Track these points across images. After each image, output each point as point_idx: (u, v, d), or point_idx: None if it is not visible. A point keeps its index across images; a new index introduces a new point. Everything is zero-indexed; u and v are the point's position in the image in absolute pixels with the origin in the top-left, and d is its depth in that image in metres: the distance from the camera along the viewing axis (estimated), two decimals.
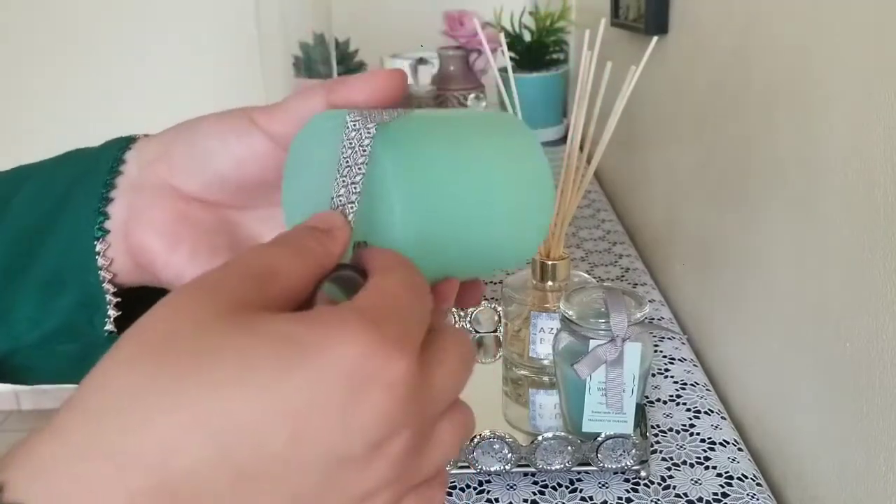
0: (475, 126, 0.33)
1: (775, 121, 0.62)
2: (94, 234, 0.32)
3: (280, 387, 0.20)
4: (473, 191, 0.30)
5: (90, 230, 0.32)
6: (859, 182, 0.49)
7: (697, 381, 0.73)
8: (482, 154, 0.31)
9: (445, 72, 1.42)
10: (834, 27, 0.52)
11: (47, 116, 1.84)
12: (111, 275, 0.33)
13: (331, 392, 0.20)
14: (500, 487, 0.60)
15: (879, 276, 0.47)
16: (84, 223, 0.32)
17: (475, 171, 0.31)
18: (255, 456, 0.19)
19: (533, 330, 0.71)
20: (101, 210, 0.32)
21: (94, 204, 0.32)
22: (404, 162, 0.28)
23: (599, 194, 1.25)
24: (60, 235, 0.32)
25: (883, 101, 0.46)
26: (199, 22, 1.81)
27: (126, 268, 0.33)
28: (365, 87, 0.32)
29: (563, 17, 1.50)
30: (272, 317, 0.21)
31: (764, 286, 0.66)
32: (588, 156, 0.68)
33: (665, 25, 0.93)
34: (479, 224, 0.30)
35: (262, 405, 0.19)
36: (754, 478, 0.60)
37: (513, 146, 0.33)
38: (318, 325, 0.21)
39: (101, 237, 0.32)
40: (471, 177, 0.30)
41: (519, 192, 0.32)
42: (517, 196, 0.32)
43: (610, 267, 0.98)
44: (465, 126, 0.33)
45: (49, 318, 0.32)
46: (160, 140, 0.34)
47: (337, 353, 0.20)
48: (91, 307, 0.33)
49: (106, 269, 0.32)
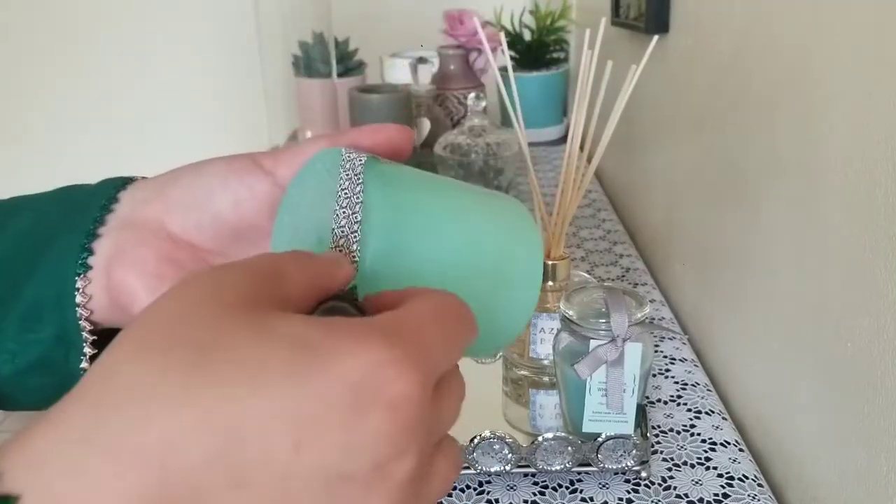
0: (468, 188, 0.33)
1: (775, 121, 0.62)
2: (77, 269, 0.32)
3: (291, 393, 0.19)
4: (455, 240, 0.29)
5: (73, 265, 0.32)
6: (860, 182, 0.49)
7: (698, 381, 0.73)
8: (470, 209, 0.31)
9: (445, 71, 1.41)
10: (834, 27, 0.52)
11: (47, 116, 1.84)
12: (89, 312, 0.32)
13: (340, 403, 0.20)
14: (500, 488, 0.60)
15: (880, 276, 0.47)
16: (68, 257, 0.32)
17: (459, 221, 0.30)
18: (257, 461, 0.19)
19: (533, 330, 0.70)
20: (87, 246, 0.32)
21: (80, 239, 0.32)
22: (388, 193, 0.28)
23: (599, 194, 1.25)
24: (44, 268, 0.32)
25: (883, 101, 0.46)
26: (199, 22, 1.81)
27: (104, 305, 0.32)
28: (372, 135, 0.32)
29: (564, 16, 1.50)
30: (288, 317, 0.21)
31: (765, 286, 0.66)
32: (588, 155, 0.68)
33: (666, 25, 0.92)
34: (458, 277, 0.29)
35: (270, 410, 0.19)
36: (755, 478, 0.60)
37: (504, 211, 0.32)
38: (335, 332, 0.21)
39: (83, 273, 0.32)
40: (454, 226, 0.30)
41: (503, 257, 0.31)
42: (501, 260, 0.31)
43: (610, 267, 0.98)
44: (459, 186, 0.32)
45: (26, 352, 0.32)
46: (158, 180, 0.34)
47: (350, 363, 0.20)
48: (67, 343, 0.32)
49: (84, 305, 0.32)
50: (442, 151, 1.12)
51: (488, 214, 0.31)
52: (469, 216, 0.30)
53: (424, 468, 0.22)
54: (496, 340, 0.32)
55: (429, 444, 0.22)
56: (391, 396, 0.20)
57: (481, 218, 0.31)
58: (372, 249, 0.27)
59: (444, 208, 0.30)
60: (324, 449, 0.20)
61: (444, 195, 0.31)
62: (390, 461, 0.21)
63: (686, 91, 0.87)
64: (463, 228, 0.30)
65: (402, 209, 0.28)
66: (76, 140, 1.82)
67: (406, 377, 0.21)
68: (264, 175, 0.33)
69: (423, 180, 0.31)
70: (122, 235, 0.32)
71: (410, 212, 0.28)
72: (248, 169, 0.33)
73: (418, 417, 0.21)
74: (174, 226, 0.33)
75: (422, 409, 0.21)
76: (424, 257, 0.28)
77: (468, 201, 0.31)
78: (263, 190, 0.33)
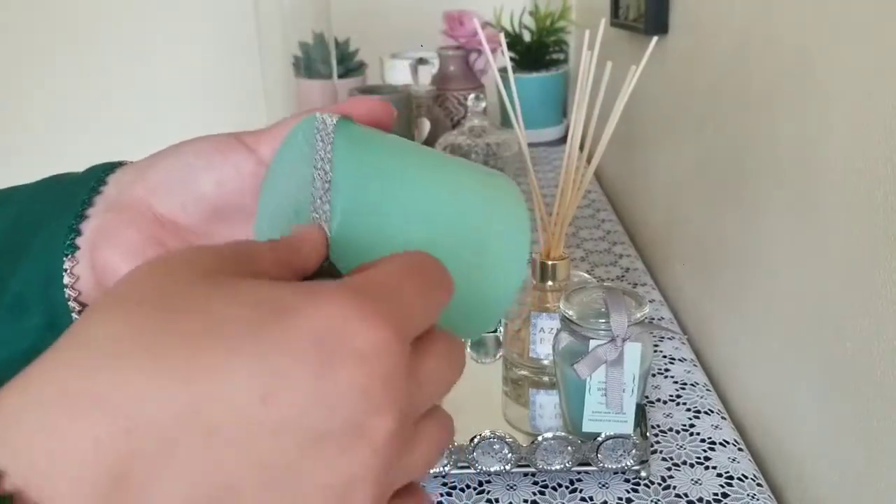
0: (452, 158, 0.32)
1: (775, 121, 0.62)
2: (65, 249, 0.32)
3: (255, 349, 0.19)
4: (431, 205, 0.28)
5: (61, 245, 0.32)
6: (860, 182, 0.49)
7: (697, 381, 0.73)
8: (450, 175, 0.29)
9: (445, 72, 1.42)
10: (834, 27, 0.52)
11: (46, 117, 1.84)
12: (77, 292, 0.32)
13: (305, 356, 0.19)
14: (500, 487, 0.60)
15: (880, 276, 0.47)
16: (57, 239, 0.32)
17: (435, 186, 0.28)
18: (226, 414, 0.19)
19: (533, 330, 0.71)
20: (75, 227, 0.32)
21: (69, 220, 0.32)
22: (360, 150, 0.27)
23: (599, 194, 1.25)
24: (33, 253, 0.32)
25: (883, 101, 0.46)
26: (199, 22, 1.81)
27: (91, 286, 0.32)
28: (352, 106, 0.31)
29: (563, 17, 1.50)
30: (256, 281, 0.21)
31: (764, 286, 0.66)
32: (588, 156, 0.68)
33: (665, 25, 0.93)
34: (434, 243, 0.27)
35: (234, 365, 0.19)
36: (754, 478, 0.60)
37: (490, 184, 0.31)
38: (301, 291, 0.21)
39: (71, 253, 0.32)
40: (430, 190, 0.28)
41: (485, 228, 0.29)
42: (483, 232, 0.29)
43: (610, 267, 0.98)
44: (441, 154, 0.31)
45: (17, 341, 0.32)
46: (144, 162, 0.34)
47: (315, 317, 0.20)
48: (57, 329, 0.32)
49: (72, 286, 0.32)
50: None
51: (471, 184, 0.30)
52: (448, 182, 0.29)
53: (407, 432, 0.22)
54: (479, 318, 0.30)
55: (411, 406, 0.22)
56: (359, 348, 0.20)
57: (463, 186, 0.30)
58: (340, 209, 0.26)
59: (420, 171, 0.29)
60: (292, 402, 0.19)
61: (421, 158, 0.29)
62: (368, 417, 0.20)
63: (686, 92, 0.87)
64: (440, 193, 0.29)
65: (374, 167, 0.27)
66: (76, 140, 1.82)
67: (375, 329, 0.20)
68: (248, 153, 0.32)
69: (400, 143, 0.30)
70: (109, 216, 0.32)
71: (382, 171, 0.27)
72: (231, 147, 0.33)
73: (393, 372, 0.20)
74: (160, 207, 0.32)
75: (396, 363, 0.21)
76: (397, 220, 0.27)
77: (449, 167, 0.30)
78: (248, 168, 0.32)
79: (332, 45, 1.38)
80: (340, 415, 0.20)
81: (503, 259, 0.30)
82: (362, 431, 0.20)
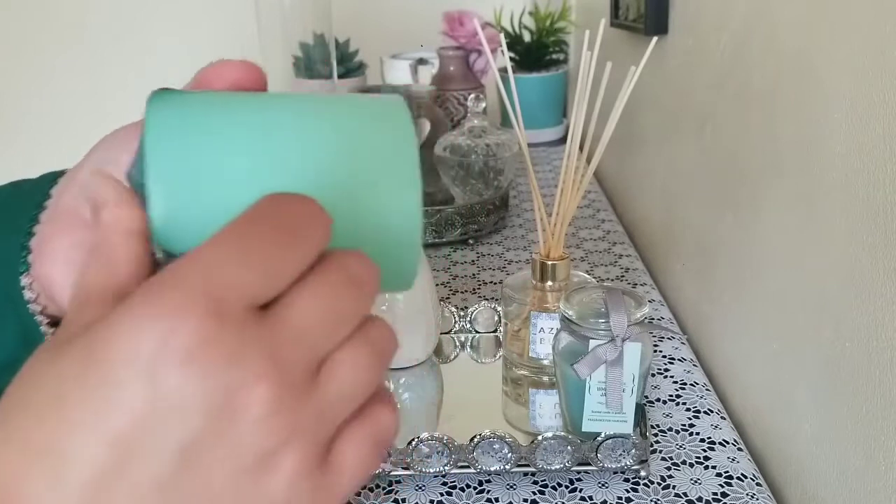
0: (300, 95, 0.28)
1: (775, 121, 0.62)
2: (20, 267, 0.32)
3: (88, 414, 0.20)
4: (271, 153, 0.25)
5: (16, 264, 0.32)
6: (859, 182, 0.49)
7: (697, 380, 0.73)
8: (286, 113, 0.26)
9: (445, 72, 1.42)
10: (834, 27, 0.52)
11: (46, 117, 1.84)
12: (41, 307, 0.32)
13: (129, 386, 0.19)
14: (500, 487, 0.60)
15: (879, 276, 0.47)
16: (12, 258, 0.32)
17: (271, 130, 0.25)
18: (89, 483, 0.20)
19: (533, 330, 0.71)
20: (25, 244, 0.32)
21: (20, 239, 0.32)
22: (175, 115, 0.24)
23: (599, 194, 1.25)
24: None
25: (883, 101, 0.46)
26: (199, 22, 1.81)
27: (46, 300, 0.32)
28: (218, 76, 0.29)
29: (563, 18, 1.51)
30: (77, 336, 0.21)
31: (763, 286, 0.66)
32: (588, 156, 0.68)
33: (665, 26, 0.93)
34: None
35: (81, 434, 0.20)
36: (754, 477, 0.60)
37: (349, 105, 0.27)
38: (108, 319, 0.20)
39: (25, 271, 0.32)
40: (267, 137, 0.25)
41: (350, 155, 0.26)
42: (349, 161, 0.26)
43: (610, 267, 0.98)
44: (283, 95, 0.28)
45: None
46: (76, 166, 0.33)
47: (115, 341, 0.20)
48: (31, 342, 0.32)
49: (34, 302, 0.32)
50: (442, 152, 1.12)
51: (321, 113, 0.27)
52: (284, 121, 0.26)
53: (299, 380, 0.21)
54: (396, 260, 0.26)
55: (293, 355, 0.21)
56: (179, 349, 0.19)
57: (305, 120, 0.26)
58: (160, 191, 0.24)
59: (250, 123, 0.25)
60: (138, 440, 0.20)
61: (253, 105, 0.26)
62: (229, 398, 0.20)
63: (685, 92, 0.87)
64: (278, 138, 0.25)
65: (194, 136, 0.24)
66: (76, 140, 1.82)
67: (184, 320, 0.19)
68: None
69: (229, 96, 0.27)
70: (45, 229, 0.32)
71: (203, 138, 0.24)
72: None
73: (234, 348, 0.20)
74: (82, 208, 0.31)
75: (228, 337, 0.20)
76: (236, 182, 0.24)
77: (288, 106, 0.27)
78: None
79: (332, 46, 1.38)
80: (196, 411, 0.20)
81: (391, 181, 0.26)
82: (233, 413, 0.20)
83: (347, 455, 0.23)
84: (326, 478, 0.22)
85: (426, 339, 0.74)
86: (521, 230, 1.11)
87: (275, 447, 0.20)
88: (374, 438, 0.23)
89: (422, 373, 0.75)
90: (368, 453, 0.23)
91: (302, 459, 0.21)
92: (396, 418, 0.24)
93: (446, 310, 0.81)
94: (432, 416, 0.70)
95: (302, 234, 0.22)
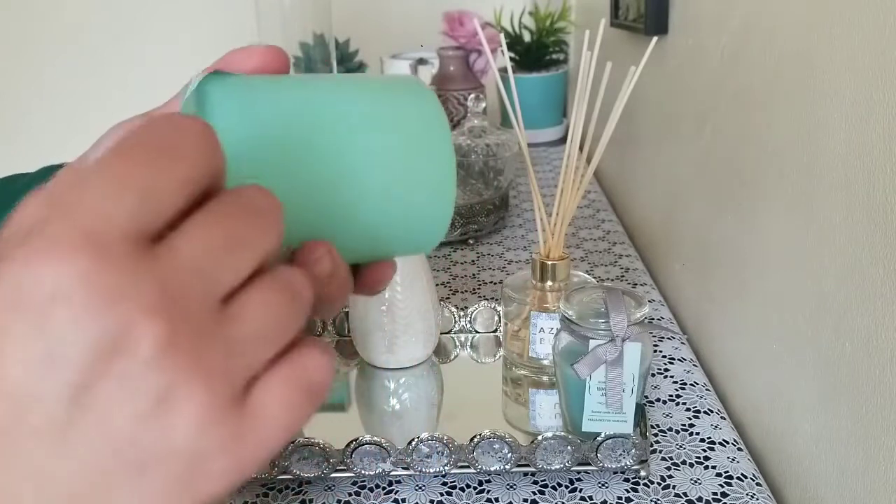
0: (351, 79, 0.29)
1: (775, 121, 0.62)
2: None
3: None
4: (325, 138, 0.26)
5: None
6: (859, 182, 0.49)
7: (697, 380, 0.73)
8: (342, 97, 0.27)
9: (445, 72, 1.42)
10: (834, 27, 0.53)
11: (45, 117, 1.84)
12: None
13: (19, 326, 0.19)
14: (500, 487, 0.60)
15: (878, 276, 0.47)
16: None
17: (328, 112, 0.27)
18: None
19: (533, 330, 0.71)
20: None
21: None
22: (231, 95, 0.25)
23: (599, 194, 1.25)
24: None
25: (883, 101, 0.46)
26: (199, 22, 1.81)
27: None
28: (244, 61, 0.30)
29: (563, 18, 1.51)
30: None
31: (763, 286, 0.66)
32: (588, 156, 0.68)
33: (665, 26, 0.93)
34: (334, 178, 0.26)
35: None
36: (754, 477, 0.60)
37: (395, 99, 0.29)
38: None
39: None
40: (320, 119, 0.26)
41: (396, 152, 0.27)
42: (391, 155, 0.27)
43: (610, 267, 0.98)
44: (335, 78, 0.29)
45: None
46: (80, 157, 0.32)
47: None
48: None
49: None
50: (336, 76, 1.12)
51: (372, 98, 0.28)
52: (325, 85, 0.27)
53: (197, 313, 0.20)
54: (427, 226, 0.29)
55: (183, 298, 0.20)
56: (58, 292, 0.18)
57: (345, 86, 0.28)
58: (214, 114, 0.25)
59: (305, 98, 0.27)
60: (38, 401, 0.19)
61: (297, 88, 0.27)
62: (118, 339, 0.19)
63: (685, 92, 0.87)
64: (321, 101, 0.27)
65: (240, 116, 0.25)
66: (75, 140, 1.82)
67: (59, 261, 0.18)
68: None
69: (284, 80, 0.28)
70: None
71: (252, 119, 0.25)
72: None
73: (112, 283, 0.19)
74: None
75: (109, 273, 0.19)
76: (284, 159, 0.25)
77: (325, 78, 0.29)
78: None
79: (332, 46, 1.38)
80: (85, 354, 0.19)
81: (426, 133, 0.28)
82: (123, 353, 0.19)
83: (269, 400, 0.21)
84: (244, 424, 0.21)
85: (426, 339, 0.75)
86: (521, 230, 1.12)
87: (172, 386, 0.19)
88: (301, 383, 0.22)
89: (422, 373, 0.75)
90: (295, 399, 0.22)
91: (209, 403, 0.20)
92: (328, 363, 0.23)
93: (446, 310, 0.81)
94: (432, 416, 0.70)
95: (180, 153, 0.20)
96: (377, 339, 0.73)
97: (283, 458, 0.59)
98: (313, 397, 0.22)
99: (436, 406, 0.72)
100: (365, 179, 0.27)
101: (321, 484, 0.61)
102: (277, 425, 0.21)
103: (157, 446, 0.19)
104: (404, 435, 0.59)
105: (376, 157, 0.27)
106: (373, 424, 0.70)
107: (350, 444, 0.58)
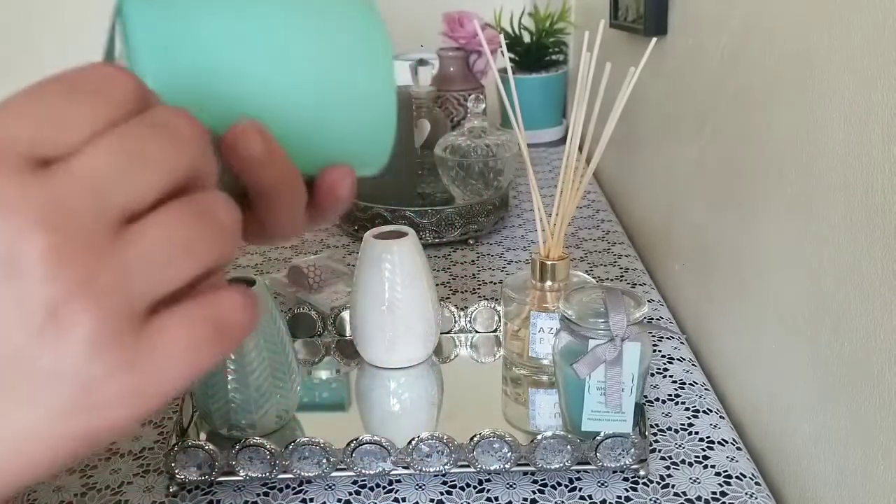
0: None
1: (774, 121, 0.63)
2: None
3: None
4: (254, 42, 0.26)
5: None
6: (859, 182, 0.49)
7: (696, 380, 0.73)
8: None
9: (445, 73, 1.42)
10: (834, 27, 0.53)
11: None
12: None
13: None
14: (500, 486, 0.60)
15: (878, 276, 0.47)
16: None
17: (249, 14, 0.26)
18: None
19: (532, 330, 0.71)
20: None
21: None
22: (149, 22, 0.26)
23: (599, 194, 1.26)
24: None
25: (882, 102, 0.46)
26: None
27: None
28: None
29: (563, 19, 1.51)
30: None
31: (763, 286, 0.66)
32: (587, 156, 0.68)
33: (664, 27, 0.93)
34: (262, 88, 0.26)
35: None
36: (753, 476, 0.60)
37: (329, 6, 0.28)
38: None
39: None
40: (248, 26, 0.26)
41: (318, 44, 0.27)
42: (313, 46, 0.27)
43: (609, 267, 0.99)
44: None
45: None
46: None
47: None
48: None
49: None
50: (442, 153, 1.12)
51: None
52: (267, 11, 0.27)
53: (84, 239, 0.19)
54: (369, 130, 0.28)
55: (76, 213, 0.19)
56: None
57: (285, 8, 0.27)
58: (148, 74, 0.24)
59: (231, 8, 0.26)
60: None
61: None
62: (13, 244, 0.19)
63: (685, 92, 0.87)
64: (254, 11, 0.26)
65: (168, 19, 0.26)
66: None
67: None
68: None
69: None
70: None
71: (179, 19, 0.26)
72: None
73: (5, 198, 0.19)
74: None
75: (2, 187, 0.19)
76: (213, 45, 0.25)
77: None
78: None
79: None
80: None
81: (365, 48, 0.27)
82: (13, 266, 0.19)
83: (170, 332, 0.21)
84: (139, 350, 0.20)
85: (426, 339, 0.75)
86: (520, 230, 1.12)
87: (62, 301, 0.19)
88: (210, 319, 0.21)
89: (422, 373, 0.75)
90: (200, 333, 0.21)
91: (100, 323, 0.19)
92: (245, 305, 0.22)
93: (446, 310, 0.81)
94: (432, 416, 0.70)
95: (94, 89, 0.21)
96: (377, 338, 0.73)
97: (283, 458, 0.59)
98: (223, 336, 0.21)
99: (436, 406, 0.72)
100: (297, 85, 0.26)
101: (321, 483, 0.61)
102: (177, 357, 0.21)
103: (46, 362, 0.19)
104: (404, 434, 0.59)
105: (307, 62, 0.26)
106: (373, 424, 0.70)
107: (350, 444, 0.58)
